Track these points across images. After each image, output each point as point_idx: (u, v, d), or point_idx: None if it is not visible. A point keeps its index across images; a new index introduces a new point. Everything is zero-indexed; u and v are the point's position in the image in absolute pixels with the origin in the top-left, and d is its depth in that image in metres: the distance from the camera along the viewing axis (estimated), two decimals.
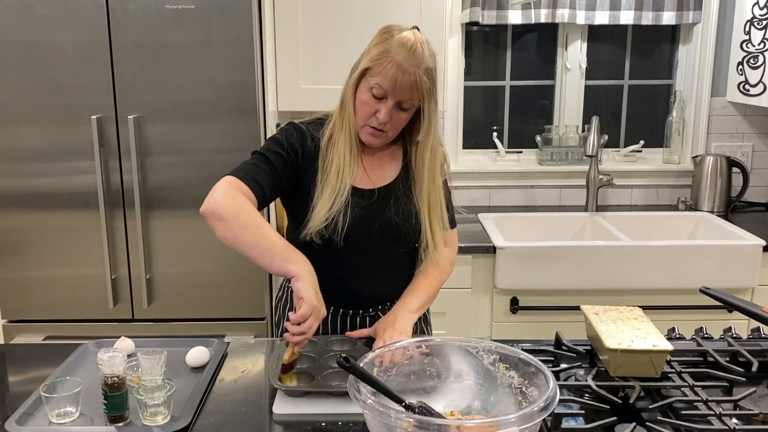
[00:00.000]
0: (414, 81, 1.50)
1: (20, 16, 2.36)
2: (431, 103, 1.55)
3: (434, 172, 1.64)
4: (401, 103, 1.54)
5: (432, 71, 1.53)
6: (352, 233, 1.58)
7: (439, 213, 1.66)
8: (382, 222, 1.61)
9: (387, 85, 1.51)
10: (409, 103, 1.54)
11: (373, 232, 1.61)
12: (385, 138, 1.60)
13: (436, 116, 1.59)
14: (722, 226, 2.82)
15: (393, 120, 1.55)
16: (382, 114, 1.53)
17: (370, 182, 1.64)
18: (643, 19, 2.99)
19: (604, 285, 2.53)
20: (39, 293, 2.56)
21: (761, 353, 1.47)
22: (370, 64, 1.53)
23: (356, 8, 2.67)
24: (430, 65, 1.53)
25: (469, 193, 3.19)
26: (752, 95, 2.89)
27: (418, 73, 1.50)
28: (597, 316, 1.45)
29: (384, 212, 1.62)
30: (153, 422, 1.27)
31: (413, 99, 1.53)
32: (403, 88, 1.51)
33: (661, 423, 1.20)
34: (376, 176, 1.65)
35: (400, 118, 1.56)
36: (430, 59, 1.53)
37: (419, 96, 1.53)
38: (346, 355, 1.10)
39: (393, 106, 1.53)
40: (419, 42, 1.52)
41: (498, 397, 1.21)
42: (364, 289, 1.69)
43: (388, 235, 1.63)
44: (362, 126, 1.58)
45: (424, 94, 1.52)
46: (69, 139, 2.45)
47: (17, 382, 1.53)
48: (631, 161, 3.24)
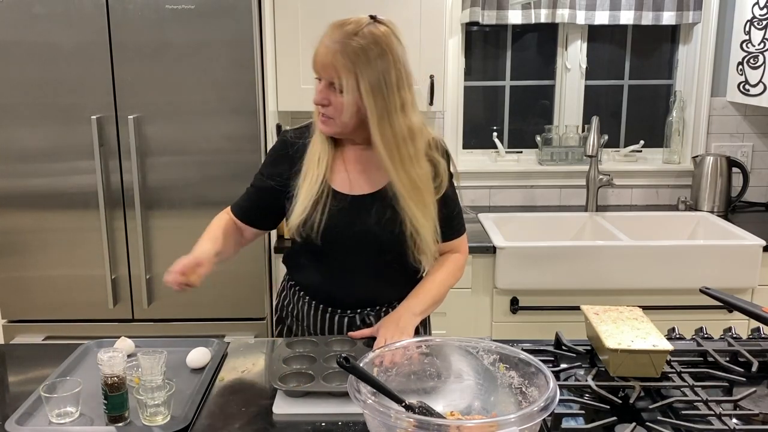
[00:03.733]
0: (327, 59, 1.50)
1: (20, 16, 2.36)
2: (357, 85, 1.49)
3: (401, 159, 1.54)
4: (332, 83, 1.52)
5: (356, 52, 1.48)
6: (328, 234, 1.59)
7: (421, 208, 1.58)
8: (359, 229, 1.60)
9: (313, 64, 1.53)
10: (339, 83, 1.50)
11: (349, 237, 1.61)
12: (335, 124, 1.55)
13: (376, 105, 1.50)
14: (722, 226, 2.82)
15: (333, 104, 1.53)
16: (315, 95, 1.54)
17: (349, 187, 1.63)
18: (643, 19, 2.99)
19: (604, 285, 2.53)
20: (39, 293, 2.56)
21: (761, 353, 1.47)
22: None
23: (356, 8, 2.65)
24: (356, 45, 1.49)
25: (469, 193, 3.19)
26: (752, 95, 2.89)
27: (334, 51, 1.49)
28: (597, 316, 1.45)
29: (362, 220, 1.60)
30: (153, 422, 1.27)
31: (335, 77, 1.50)
32: (323, 65, 1.51)
33: (661, 423, 1.20)
34: (358, 182, 1.63)
35: (338, 101, 1.52)
36: (360, 40, 1.50)
37: (336, 75, 1.49)
38: (346, 355, 1.10)
39: (325, 86, 1.52)
40: (350, 23, 1.53)
41: (498, 397, 1.21)
42: (351, 290, 1.68)
43: (368, 243, 1.61)
44: (318, 114, 1.59)
45: (342, 73, 1.48)
46: (69, 139, 2.45)
47: (17, 382, 1.53)
48: (631, 161, 3.24)
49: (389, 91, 1.51)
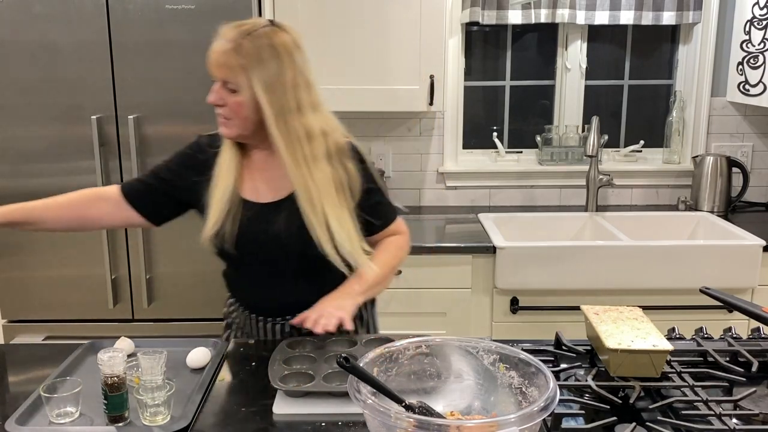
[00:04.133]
0: (220, 59, 1.52)
1: (20, 16, 2.36)
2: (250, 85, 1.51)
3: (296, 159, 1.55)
4: (226, 83, 1.54)
5: (249, 52, 1.50)
6: (241, 244, 1.61)
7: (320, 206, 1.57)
8: (270, 237, 1.60)
9: (208, 65, 1.55)
10: (233, 83, 1.52)
11: (262, 245, 1.61)
12: (233, 126, 1.57)
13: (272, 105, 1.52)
14: (722, 226, 2.82)
15: (229, 104, 1.54)
16: (210, 95, 1.56)
17: (257, 195, 1.64)
18: (643, 19, 2.99)
19: (604, 285, 2.53)
20: (39, 293, 2.56)
21: (761, 353, 1.47)
22: None
23: (356, 8, 2.67)
24: (250, 45, 1.51)
25: (469, 193, 3.19)
26: (752, 95, 2.89)
27: (227, 50, 1.51)
28: (597, 316, 1.45)
29: (272, 227, 1.60)
30: (153, 422, 1.27)
31: (228, 76, 1.52)
32: (217, 65, 1.53)
33: (661, 423, 1.20)
34: (266, 189, 1.64)
35: (232, 101, 1.54)
36: (253, 41, 1.51)
37: (229, 74, 1.51)
38: (346, 355, 1.10)
39: (220, 87, 1.54)
40: (245, 24, 1.55)
41: (498, 397, 1.21)
42: (277, 298, 1.69)
43: (281, 250, 1.61)
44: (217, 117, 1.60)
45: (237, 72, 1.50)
46: (69, 139, 2.45)
47: (17, 382, 1.53)
48: (631, 161, 3.24)
49: (284, 91, 1.53)
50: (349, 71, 2.72)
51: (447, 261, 2.55)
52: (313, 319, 1.52)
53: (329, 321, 1.51)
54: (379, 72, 2.72)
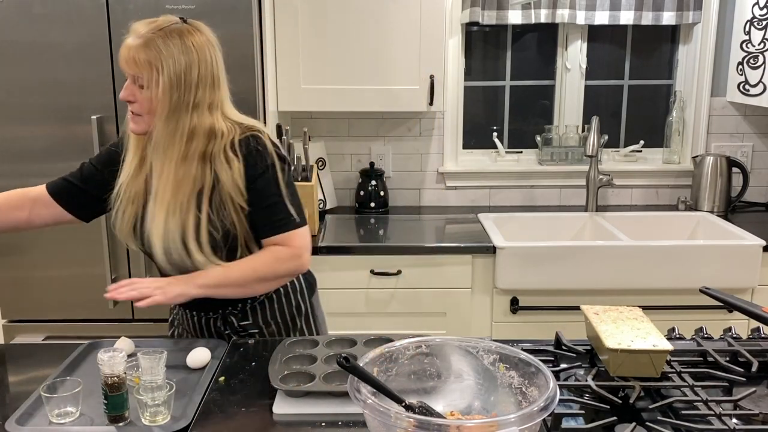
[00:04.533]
0: (127, 54, 1.53)
1: (20, 16, 2.36)
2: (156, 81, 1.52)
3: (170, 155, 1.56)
4: (136, 79, 1.55)
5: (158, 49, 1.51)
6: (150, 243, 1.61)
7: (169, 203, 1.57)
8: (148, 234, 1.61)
9: (119, 61, 1.55)
10: (141, 79, 1.54)
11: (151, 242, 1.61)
12: (143, 122, 1.58)
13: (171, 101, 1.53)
14: (722, 226, 2.82)
15: (138, 100, 1.56)
16: (122, 91, 1.57)
17: None
18: (643, 19, 2.99)
19: (604, 285, 2.53)
20: (39, 293, 2.56)
21: (761, 353, 1.47)
22: None
23: (356, 8, 2.67)
24: (159, 42, 1.51)
25: (469, 193, 3.19)
26: (752, 95, 2.89)
27: (135, 46, 1.52)
28: (597, 316, 1.45)
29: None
30: (153, 422, 1.27)
31: (137, 71, 1.53)
32: (124, 61, 1.54)
33: (661, 423, 1.20)
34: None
35: (142, 97, 1.55)
36: (162, 38, 1.52)
37: (138, 67, 1.52)
38: (346, 355, 1.10)
39: (130, 83, 1.55)
40: (156, 21, 1.56)
41: (498, 397, 1.21)
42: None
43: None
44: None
45: (142, 68, 1.51)
46: (69, 139, 2.45)
47: (17, 382, 1.53)
48: (631, 161, 3.24)
49: (187, 88, 1.54)
50: (349, 71, 2.72)
51: (447, 261, 2.55)
52: (119, 286, 1.50)
53: (130, 294, 1.48)
54: (379, 72, 2.72)
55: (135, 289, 1.49)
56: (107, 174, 1.68)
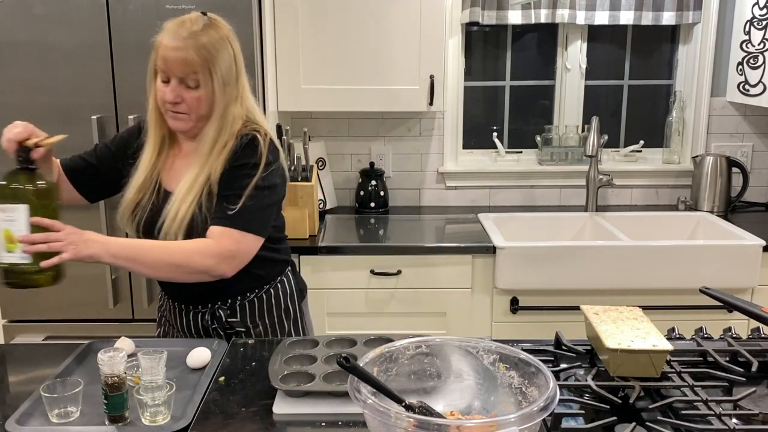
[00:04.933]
0: (182, 56, 1.54)
1: (20, 16, 2.36)
2: (211, 78, 1.57)
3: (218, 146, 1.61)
4: (184, 80, 1.57)
5: (206, 46, 1.55)
6: (147, 230, 1.65)
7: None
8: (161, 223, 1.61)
9: (162, 65, 1.57)
10: (192, 80, 1.56)
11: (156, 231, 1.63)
12: (188, 120, 1.61)
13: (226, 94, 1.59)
14: (722, 226, 2.82)
15: (186, 100, 1.58)
16: (168, 94, 1.58)
17: (169, 182, 1.68)
18: (643, 19, 2.99)
19: (604, 285, 2.53)
20: (39, 293, 2.54)
21: (761, 353, 1.47)
22: (154, 54, 1.61)
23: (356, 8, 2.67)
24: (204, 40, 1.55)
25: (469, 193, 3.19)
26: (752, 95, 2.89)
27: (186, 47, 1.54)
28: (597, 316, 1.45)
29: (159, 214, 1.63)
30: (153, 422, 1.27)
31: (190, 74, 1.56)
32: (176, 64, 1.55)
33: (661, 423, 1.20)
34: (176, 177, 1.66)
35: (191, 97, 1.58)
36: (204, 36, 1.56)
37: (192, 70, 1.55)
38: (346, 355, 1.10)
39: (177, 85, 1.57)
40: (190, 20, 1.58)
41: (498, 397, 1.21)
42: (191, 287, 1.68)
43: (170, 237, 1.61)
44: (165, 112, 1.63)
45: (197, 68, 1.55)
46: (69, 139, 2.43)
47: (17, 382, 1.53)
48: (631, 161, 3.24)
49: (233, 83, 1.60)
50: (349, 71, 2.72)
51: (447, 261, 2.55)
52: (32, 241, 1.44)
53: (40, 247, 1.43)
54: (379, 72, 2.72)
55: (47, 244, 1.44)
56: (119, 159, 1.72)
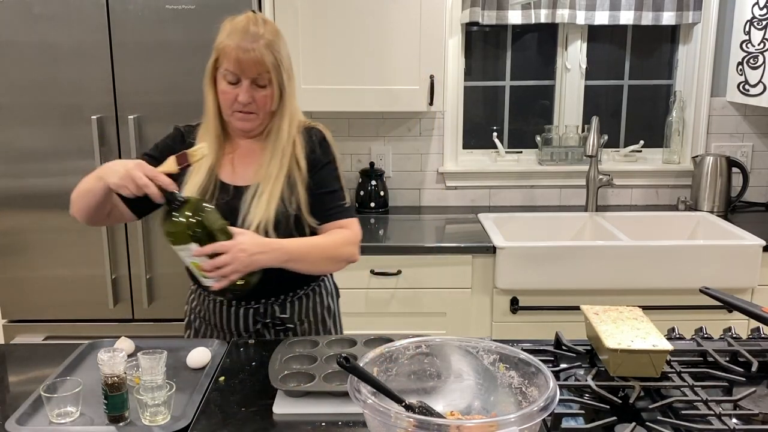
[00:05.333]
0: (256, 57, 1.56)
1: (20, 16, 2.36)
2: (280, 74, 1.60)
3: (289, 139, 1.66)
4: (256, 80, 1.59)
5: (273, 44, 1.59)
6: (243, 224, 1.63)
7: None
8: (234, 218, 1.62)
9: (233, 67, 1.58)
10: (263, 79, 1.59)
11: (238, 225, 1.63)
12: (257, 119, 1.65)
13: (291, 86, 1.64)
14: (722, 226, 2.82)
15: (256, 100, 1.61)
16: (242, 95, 1.60)
17: (233, 178, 1.69)
18: (643, 19, 2.99)
19: (604, 285, 2.53)
20: (39, 293, 2.56)
21: (761, 353, 1.47)
22: (216, 55, 1.63)
23: (356, 8, 2.67)
24: (270, 39, 1.59)
25: (469, 193, 3.19)
26: (752, 95, 2.89)
27: (258, 48, 1.56)
28: (597, 316, 1.45)
29: (237, 209, 1.63)
30: (153, 422, 1.27)
31: (263, 73, 1.59)
32: (248, 65, 1.57)
33: (661, 423, 1.20)
34: (242, 173, 1.68)
35: (262, 96, 1.61)
36: (269, 34, 1.59)
37: (266, 69, 1.58)
38: (346, 355, 1.10)
39: (249, 85, 1.59)
40: (252, 21, 1.60)
41: (498, 397, 1.21)
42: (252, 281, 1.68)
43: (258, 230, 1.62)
44: (231, 114, 1.64)
45: (270, 67, 1.58)
46: (69, 139, 2.45)
47: (17, 382, 1.53)
48: (631, 161, 3.24)
49: (293, 75, 1.66)
50: (349, 71, 2.72)
51: (447, 261, 2.55)
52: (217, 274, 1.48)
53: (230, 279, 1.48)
54: (379, 72, 2.72)
55: (234, 271, 1.48)
56: None
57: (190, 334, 1.83)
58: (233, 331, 1.75)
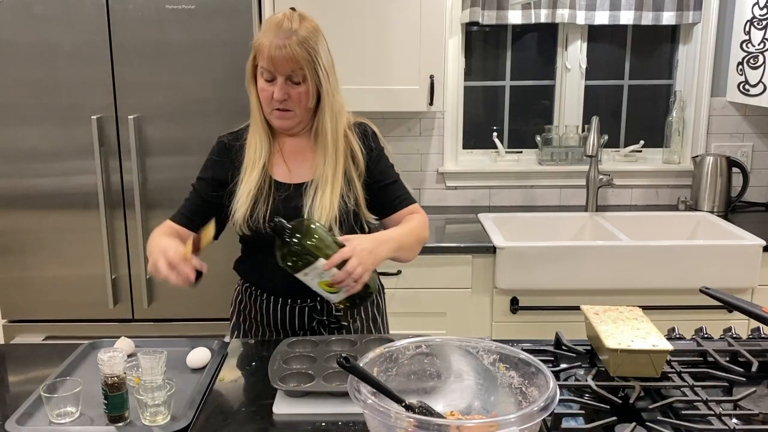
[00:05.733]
0: (288, 53, 1.56)
1: (20, 16, 2.36)
2: (316, 70, 1.60)
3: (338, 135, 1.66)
4: (291, 77, 1.59)
5: (307, 40, 1.58)
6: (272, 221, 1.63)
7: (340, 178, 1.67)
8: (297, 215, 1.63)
9: (267, 64, 1.58)
10: (297, 75, 1.59)
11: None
12: (294, 117, 1.65)
13: (330, 83, 1.63)
14: (722, 226, 2.82)
15: (292, 97, 1.61)
16: (276, 92, 1.60)
17: (290, 177, 1.69)
18: (643, 19, 2.99)
19: (604, 285, 2.53)
20: (39, 293, 2.56)
21: (761, 353, 1.47)
22: (254, 53, 1.62)
23: (356, 8, 2.67)
24: (304, 35, 1.58)
25: (469, 193, 3.19)
26: (752, 95, 2.89)
27: (290, 44, 1.56)
28: (597, 316, 1.45)
29: (300, 206, 1.64)
30: (153, 422, 1.27)
31: (297, 70, 1.58)
32: (282, 62, 1.57)
33: (661, 423, 1.20)
34: (297, 171, 1.70)
35: (297, 92, 1.61)
36: (303, 30, 1.58)
37: (299, 66, 1.58)
38: (346, 355, 1.10)
39: (283, 82, 1.59)
40: (287, 18, 1.60)
41: (498, 397, 1.21)
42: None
43: None
44: (270, 112, 1.65)
45: (303, 63, 1.58)
46: (69, 139, 2.45)
47: (17, 382, 1.53)
48: (631, 161, 3.24)
49: (333, 72, 1.65)
50: (349, 71, 2.70)
51: (447, 261, 2.55)
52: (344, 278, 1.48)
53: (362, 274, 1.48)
54: (379, 72, 2.72)
55: (365, 271, 1.48)
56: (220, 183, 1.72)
57: (239, 335, 1.82)
58: (288, 329, 1.74)
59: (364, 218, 1.70)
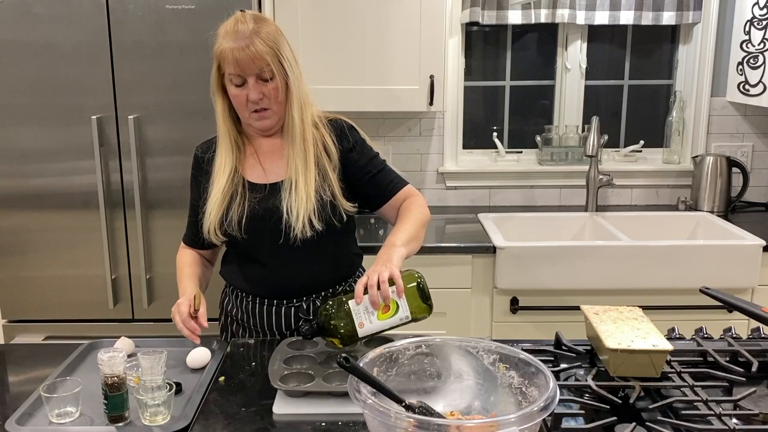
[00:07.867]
0: (253, 52, 1.57)
1: (20, 16, 2.36)
2: (281, 63, 1.60)
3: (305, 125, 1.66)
4: (260, 75, 1.60)
5: (267, 36, 1.59)
6: (251, 226, 1.65)
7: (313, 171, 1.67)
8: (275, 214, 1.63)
9: (235, 68, 1.59)
10: (266, 72, 1.59)
11: (269, 223, 1.64)
12: (273, 114, 1.65)
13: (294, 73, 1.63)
14: (722, 226, 2.82)
15: (266, 94, 1.61)
16: (251, 94, 1.61)
17: (265, 177, 1.70)
18: (643, 19, 2.99)
19: (604, 285, 2.53)
20: (39, 293, 2.56)
21: (761, 353, 1.47)
22: (217, 62, 1.63)
23: (356, 8, 2.67)
24: (262, 31, 1.58)
25: (469, 193, 3.19)
26: (752, 95, 2.89)
27: (253, 43, 1.57)
28: (597, 316, 1.45)
29: (277, 204, 1.64)
30: (153, 422, 1.27)
31: (264, 67, 1.59)
32: (248, 62, 1.57)
33: (661, 423, 1.20)
34: (273, 171, 1.70)
35: (270, 89, 1.61)
36: (260, 28, 1.59)
37: (265, 62, 1.58)
38: (346, 355, 1.10)
39: (255, 82, 1.60)
40: (240, 21, 1.60)
41: (498, 397, 1.21)
42: (290, 278, 1.70)
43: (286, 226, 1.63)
44: (248, 116, 1.65)
45: (269, 58, 1.58)
46: (69, 139, 2.45)
47: (17, 382, 1.53)
48: (631, 161, 3.24)
49: (296, 62, 1.65)
50: (349, 71, 2.72)
51: (447, 261, 2.55)
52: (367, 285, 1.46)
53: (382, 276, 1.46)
54: (379, 72, 2.72)
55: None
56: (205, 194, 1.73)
57: (227, 337, 1.82)
58: (275, 330, 1.74)
59: (342, 208, 1.68)
